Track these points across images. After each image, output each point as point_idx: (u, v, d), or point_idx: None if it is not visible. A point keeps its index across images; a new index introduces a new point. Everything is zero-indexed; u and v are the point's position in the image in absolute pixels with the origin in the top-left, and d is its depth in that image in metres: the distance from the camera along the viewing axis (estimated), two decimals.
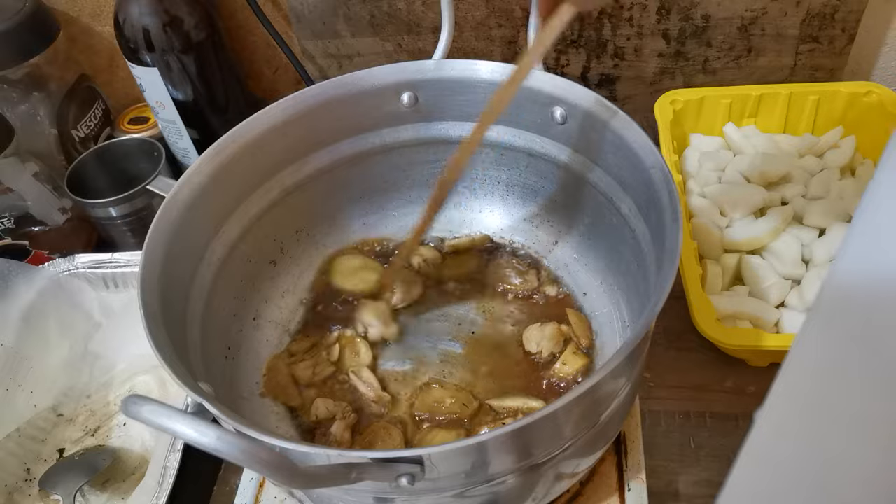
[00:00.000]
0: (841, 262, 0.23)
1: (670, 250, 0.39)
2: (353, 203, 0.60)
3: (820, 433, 0.23)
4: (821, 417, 0.23)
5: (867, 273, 0.21)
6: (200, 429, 0.27)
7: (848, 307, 0.22)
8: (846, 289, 0.22)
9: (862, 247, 0.22)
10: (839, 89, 0.68)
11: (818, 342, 0.24)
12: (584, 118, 0.49)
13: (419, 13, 0.74)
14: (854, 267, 0.22)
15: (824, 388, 0.23)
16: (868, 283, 0.21)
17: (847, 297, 0.22)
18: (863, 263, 0.22)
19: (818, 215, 0.61)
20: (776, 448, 0.24)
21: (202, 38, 0.71)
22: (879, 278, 0.21)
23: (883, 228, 0.21)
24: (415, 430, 0.50)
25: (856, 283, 0.22)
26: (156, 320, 0.40)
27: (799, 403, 0.24)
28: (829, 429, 0.23)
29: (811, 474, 0.23)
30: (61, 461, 0.58)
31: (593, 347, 0.53)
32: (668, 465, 0.52)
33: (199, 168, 0.48)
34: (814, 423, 0.23)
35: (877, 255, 0.21)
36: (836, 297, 0.23)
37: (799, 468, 0.23)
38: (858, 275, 0.22)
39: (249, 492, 0.52)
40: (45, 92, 0.74)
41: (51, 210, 0.72)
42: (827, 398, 0.23)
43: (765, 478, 0.24)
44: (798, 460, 0.23)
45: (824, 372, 0.23)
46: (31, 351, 0.60)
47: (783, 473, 0.23)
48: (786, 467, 0.23)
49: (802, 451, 0.24)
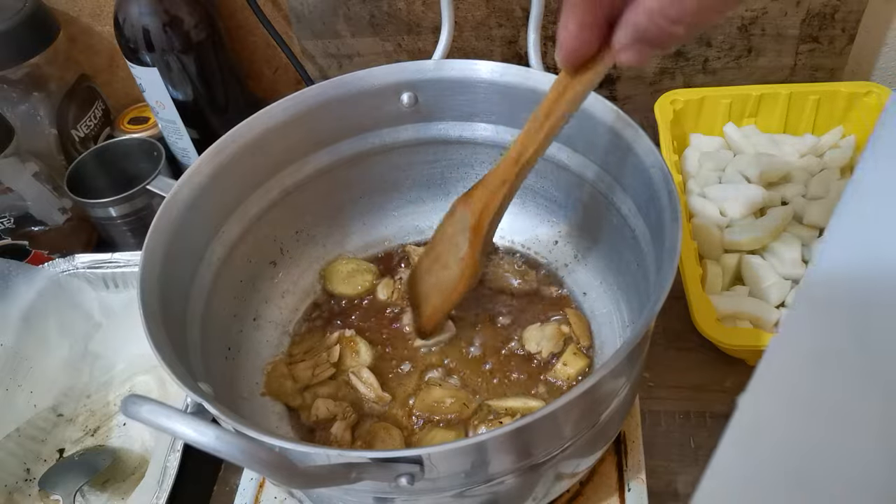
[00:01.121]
0: (825, 251, 0.23)
1: (670, 250, 0.39)
2: (353, 203, 0.60)
3: (801, 422, 0.23)
4: (802, 406, 0.23)
5: (850, 262, 0.22)
6: (200, 429, 0.27)
7: (832, 295, 0.23)
8: (830, 277, 0.22)
9: (845, 236, 0.22)
10: (839, 89, 0.68)
11: (802, 330, 0.24)
12: (584, 118, 0.49)
13: (419, 13, 0.74)
14: (838, 255, 0.22)
15: (807, 377, 0.23)
16: (851, 272, 0.22)
17: (831, 285, 0.22)
18: (846, 252, 0.22)
19: (818, 215, 0.61)
20: (757, 435, 0.24)
21: (202, 38, 0.71)
22: (862, 267, 0.21)
23: (866, 218, 0.21)
24: (414, 429, 0.50)
25: (839, 271, 0.22)
26: (156, 320, 0.40)
27: (781, 391, 0.24)
28: (810, 418, 0.23)
29: (792, 463, 0.23)
30: (61, 461, 0.58)
31: (593, 347, 0.53)
32: (668, 465, 0.52)
33: (199, 168, 0.48)
34: (795, 412, 0.23)
35: (860, 245, 0.21)
36: (819, 285, 0.23)
37: (780, 456, 0.23)
38: (842, 263, 0.22)
39: (249, 492, 0.52)
40: (45, 92, 0.74)
41: (51, 210, 0.72)
42: (809, 387, 0.23)
43: (746, 464, 0.24)
44: (779, 448, 0.24)
45: (807, 360, 0.23)
46: (31, 351, 0.60)
47: (764, 461, 0.23)
48: (767, 455, 0.23)
49: (784, 440, 0.24)
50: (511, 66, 0.51)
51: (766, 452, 0.23)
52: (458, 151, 0.59)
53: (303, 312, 0.58)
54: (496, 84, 0.52)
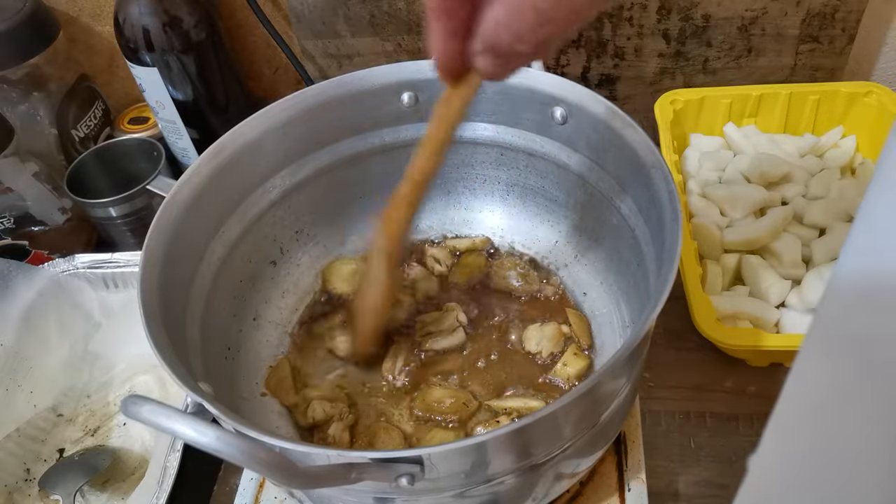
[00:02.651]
0: (842, 267, 0.22)
1: (670, 250, 0.39)
2: (353, 203, 0.60)
3: (818, 474, 0.22)
4: (817, 458, 0.22)
5: (868, 278, 0.21)
6: (200, 429, 0.27)
7: (849, 323, 0.21)
8: (846, 300, 0.21)
9: (862, 247, 0.21)
10: (839, 89, 0.68)
11: (814, 371, 0.23)
12: (584, 118, 0.49)
13: (419, 13, 0.74)
14: (856, 268, 0.21)
15: (821, 425, 0.22)
16: (869, 290, 0.21)
17: (847, 311, 0.21)
18: (864, 264, 0.21)
19: (818, 215, 0.61)
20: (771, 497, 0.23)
21: (202, 38, 0.71)
22: (881, 284, 0.20)
23: (884, 230, 0.21)
24: (414, 429, 0.50)
25: (856, 292, 0.21)
26: (156, 320, 0.40)
27: (794, 445, 0.23)
28: (826, 469, 0.22)
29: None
30: (61, 461, 0.58)
31: (593, 347, 0.53)
32: (668, 465, 0.52)
33: (199, 168, 0.48)
34: (811, 465, 0.23)
35: (877, 256, 0.20)
36: (835, 312, 0.22)
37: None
38: (860, 282, 0.21)
39: (249, 492, 0.52)
40: (45, 92, 0.74)
41: (51, 210, 0.72)
42: (824, 435, 0.22)
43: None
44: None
45: (822, 406, 0.22)
46: (31, 351, 0.60)
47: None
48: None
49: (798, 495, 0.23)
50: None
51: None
52: (458, 151, 0.59)
53: (302, 312, 0.58)
54: (496, 84, 0.52)
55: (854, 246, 0.21)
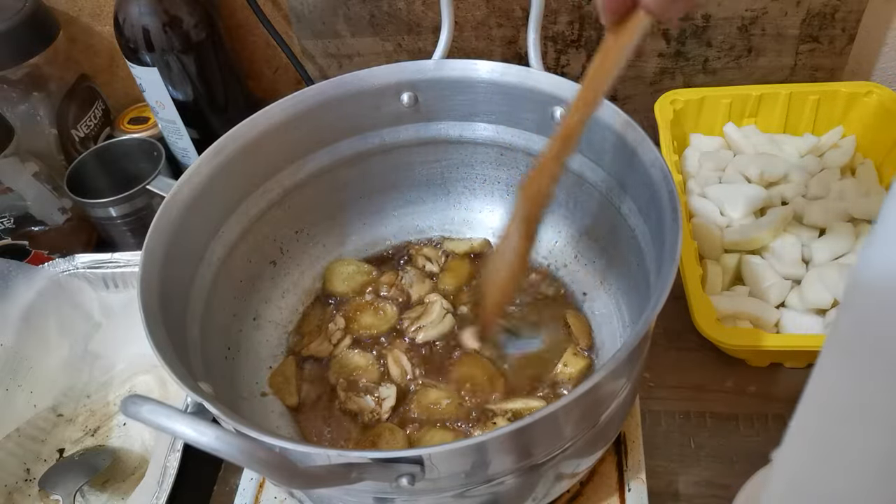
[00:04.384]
0: (862, 270, 0.21)
1: (670, 250, 0.39)
2: (353, 203, 0.60)
3: (831, 475, 0.22)
4: (834, 458, 0.22)
5: (891, 281, 0.20)
6: (200, 429, 0.27)
7: (869, 323, 0.21)
8: (867, 303, 0.21)
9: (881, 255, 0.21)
10: (839, 89, 0.68)
11: (834, 374, 0.22)
12: None
13: (419, 13, 0.74)
14: (878, 273, 0.21)
15: (838, 428, 0.22)
16: (890, 294, 0.20)
17: (867, 313, 0.21)
18: (885, 269, 0.21)
19: (818, 215, 0.61)
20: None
21: (202, 38, 0.71)
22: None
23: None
24: (415, 430, 0.50)
25: (877, 296, 0.21)
26: (156, 320, 0.40)
27: (812, 443, 0.23)
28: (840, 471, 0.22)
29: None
30: (61, 461, 0.58)
31: (593, 348, 0.53)
32: (668, 465, 0.52)
33: (199, 168, 0.48)
34: (827, 465, 0.22)
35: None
36: (857, 312, 0.22)
37: None
38: (881, 285, 0.21)
39: (249, 492, 0.52)
40: (45, 92, 0.74)
41: (51, 210, 0.72)
42: (840, 438, 0.22)
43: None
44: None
45: (840, 408, 0.22)
46: (31, 351, 0.60)
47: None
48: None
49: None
50: (511, 66, 0.51)
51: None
52: (458, 151, 0.59)
53: (302, 312, 0.58)
54: (496, 84, 0.52)
55: (875, 249, 0.21)
